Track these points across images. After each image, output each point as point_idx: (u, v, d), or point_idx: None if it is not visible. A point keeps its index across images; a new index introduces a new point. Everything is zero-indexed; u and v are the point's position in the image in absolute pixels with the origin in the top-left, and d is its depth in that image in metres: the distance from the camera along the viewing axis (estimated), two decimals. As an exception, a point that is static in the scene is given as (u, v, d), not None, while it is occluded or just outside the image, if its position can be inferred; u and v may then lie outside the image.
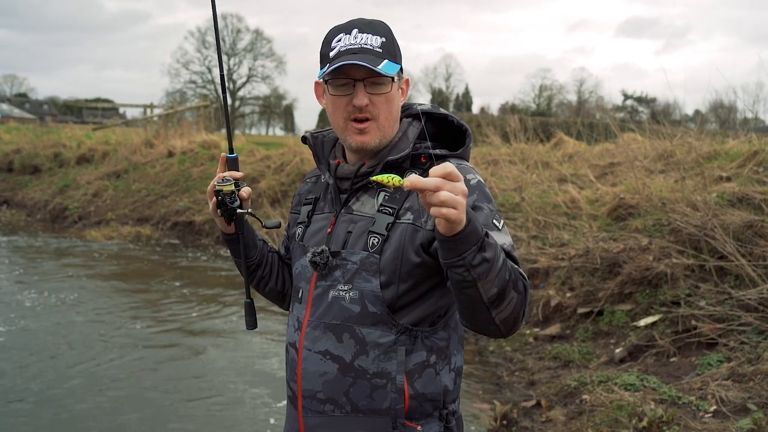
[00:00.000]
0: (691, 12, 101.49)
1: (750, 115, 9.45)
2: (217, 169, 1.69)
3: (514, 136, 11.02)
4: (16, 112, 55.65)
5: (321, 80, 1.55)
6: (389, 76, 1.47)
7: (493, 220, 1.42)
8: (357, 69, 1.46)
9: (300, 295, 1.60)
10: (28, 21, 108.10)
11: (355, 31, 1.50)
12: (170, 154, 14.63)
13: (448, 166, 1.15)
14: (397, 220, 1.48)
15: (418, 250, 1.46)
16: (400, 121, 1.60)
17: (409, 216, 1.48)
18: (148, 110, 20.74)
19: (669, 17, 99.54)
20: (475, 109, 50.27)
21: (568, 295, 5.81)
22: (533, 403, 4.41)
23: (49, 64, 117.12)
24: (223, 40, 49.11)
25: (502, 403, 4.38)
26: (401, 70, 1.55)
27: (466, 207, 1.18)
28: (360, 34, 1.49)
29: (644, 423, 3.57)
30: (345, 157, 1.63)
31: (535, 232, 6.89)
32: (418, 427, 1.50)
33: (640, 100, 46.19)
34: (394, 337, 1.48)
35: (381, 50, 1.48)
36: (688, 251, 5.14)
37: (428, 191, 1.13)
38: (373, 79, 1.48)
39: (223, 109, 1.80)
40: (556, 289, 5.91)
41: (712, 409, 3.65)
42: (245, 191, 1.65)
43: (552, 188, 7.91)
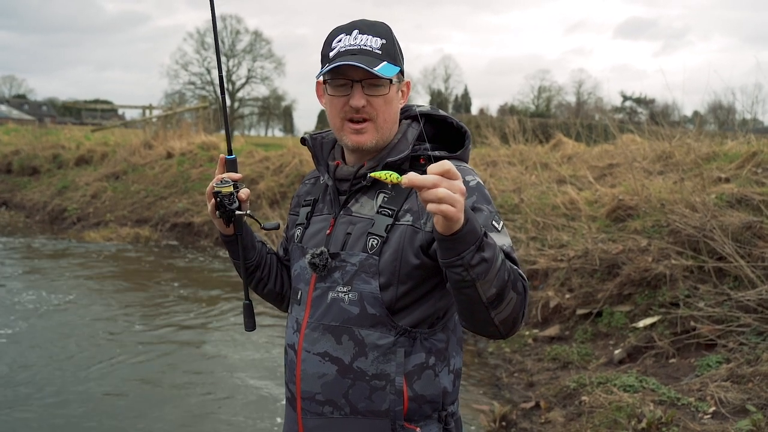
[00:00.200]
0: (689, 13, 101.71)
1: (749, 116, 9.44)
2: (215, 171, 1.69)
3: (513, 138, 11.01)
4: (15, 113, 55.55)
5: (321, 80, 1.56)
6: (387, 78, 1.47)
7: (493, 222, 1.42)
8: (355, 70, 1.46)
9: (299, 297, 1.60)
10: (28, 22, 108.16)
11: (355, 32, 1.50)
12: (169, 156, 14.62)
13: (446, 164, 1.15)
14: (397, 222, 1.48)
15: (417, 251, 1.46)
16: (400, 122, 1.60)
17: (409, 218, 1.48)
18: (147, 111, 20.72)
19: (668, 18, 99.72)
20: (474, 111, 50.38)
21: (567, 296, 5.81)
22: (532, 404, 4.41)
23: (49, 66, 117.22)
24: (222, 42, 49.11)
25: (501, 405, 4.38)
26: (402, 73, 1.55)
27: (465, 207, 1.18)
28: (360, 35, 1.49)
29: (643, 424, 3.57)
30: (344, 158, 1.63)
31: (534, 234, 6.89)
32: (417, 429, 1.50)
33: (639, 102, 46.27)
34: (393, 338, 1.48)
35: (380, 52, 1.48)
36: (687, 252, 5.15)
37: (426, 188, 1.13)
38: (371, 81, 1.48)
39: (222, 111, 1.80)
40: (555, 290, 5.91)
41: (711, 410, 3.66)
42: (244, 192, 1.64)
43: (551, 189, 7.91)
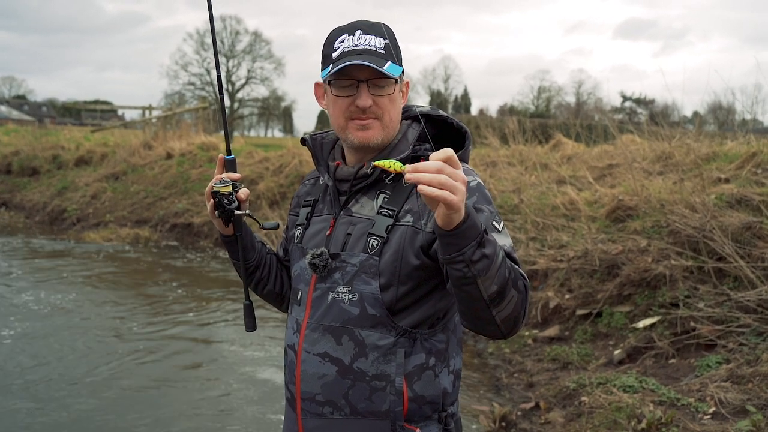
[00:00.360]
0: (689, 13, 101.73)
1: (748, 117, 9.42)
2: (215, 171, 1.69)
3: (513, 138, 11.01)
4: (15, 114, 55.54)
5: (323, 81, 1.55)
6: (393, 78, 1.48)
7: (493, 222, 1.42)
8: (361, 70, 1.46)
9: (299, 297, 1.60)
10: (28, 23, 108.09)
11: (358, 32, 1.50)
12: (169, 156, 14.61)
13: (449, 151, 1.16)
14: (397, 223, 1.48)
15: (417, 252, 1.45)
16: (400, 123, 1.60)
17: (409, 218, 1.48)
18: (147, 112, 20.71)
19: (667, 19, 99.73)
20: (474, 111, 50.43)
21: (567, 296, 5.81)
22: (532, 404, 4.41)
23: (48, 66, 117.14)
24: (222, 42, 49.11)
25: (501, 405, 4.38)
26: (402, 73, 1.55)
27: (466, 204, 1.19)
28: (363, 35, 1.49)
29: (643, 425, 3.57)
30: (344, 158, 1.63)
31: (534, 234, 6.89)
32: (417, 430, 1.50)
33: (639, 102, 46.31)
34: (394, 339, 1.48)
35: (384, 52, 1.48)
36: (687, 253, 5.15)
37: (429, 173, 1.14)
38: (377, 81, 1.48)
39: (221, 111, 1.79)
40: (555, 290, 5.91)
41: (711, 410, 3.65)
42: (243, 192, 1.64)
43: (551, 190, 7.91)
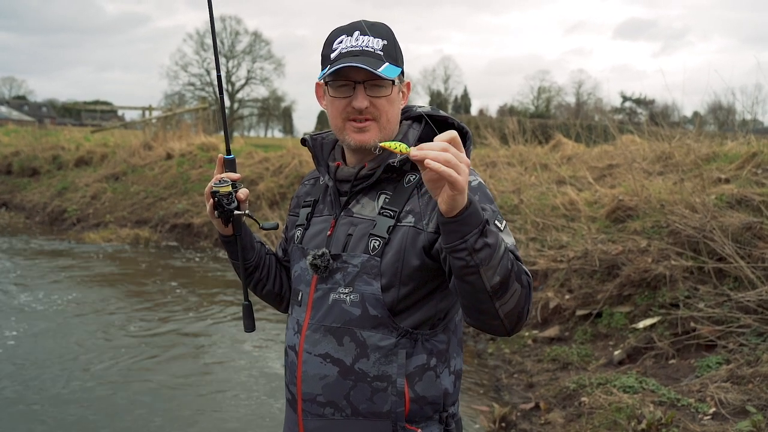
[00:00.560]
0: (689, 13, 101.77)
1: (749, 117, 9.40)
2: (214, 171, 1.69)
3: (513, 138, 11.01)
4: (15, 114, 55.53)
5: (321, 82, 1.55)
6: (389, 79, 1.47)
7: (495, 221, 1.42)
8: (357, 71, 1.46)
9: (299, 298, 1.60)
10: (28, 23, 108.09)
11: (356, 33, 1.50)
12: (169, 157, 14.61)
13: (453, 133, 1.19)
14: (398, 223, 1.48)
15: (419, 252, 1.45)
16: (400, 123, 1.60)
17: (411, 219, 1.47)
18: (147, 112, 20.72)
19: (667, 19, 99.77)
20: (474, 111, 50.43)
21: (567, 297, 5.80)
22: (532, 405, 4.40)
23: (49, 66, 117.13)
24: (222, 43, 49.10)
25: (501, 406, 4.38)
26: (402, 73, 1.55)
27: (469, 195, 1.20)
28: (361, 36, 1.49)
29: (643, 425, 3.57)
30: (344, 159, 1.63)
31: (534, 234, 6.89)
32: (418, 430, 1.50)
33: (639, 102, 46.32)
34: (395, 340, 1.48)
35: (382, 53, 1.48)
36: (687, 253, 5.14)
37: (434, 151, 1.15)
38: (374, 82, 1.47)
39: (221, 111, 1.79)
40: (555, 291, 5.91)
41: (711, 411, 3.65)
42: (242, 192, 1.64)
43: (550, 190, 7.91)
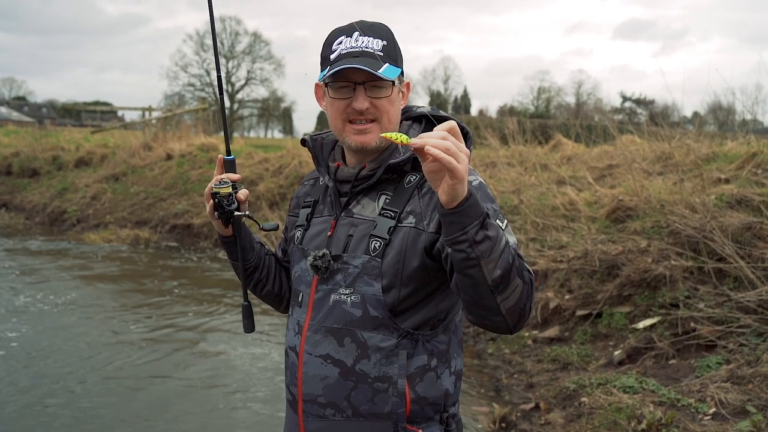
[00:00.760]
0: (688, 14, 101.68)
1: (749, 117, 9.41)
2: (214, 172, 1.69)
3: (513, 139, 11.01)
4: (15, 115, 55.49)
5: (321, 83, 1.54)
6: (390, 80, 1.47)
7: (497, 220, 1.41)
8: (357, 72, 1.46)
9: (300, 299, 1.60)
10: (28, 24, 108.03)
11: (356, 33, 1.49)
12: (168, 157, 14.62)
13: (452, 123, 1.21)
14: (399, 224, 1.48)
15: (420, 253, 1.45)
16: (400, 123, 1.60)
17: (411, 219, 1.47)
18: (147, 113, 20.73)
19: (667, 19, 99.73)
20: (474, 112, 50.42)
21: (567, 297, 5.80)
22: (532, 405, 4.40)
23: (48, 67, 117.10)
24: (222, 43, 49.09)
25: (501, 406, 4.38)
26: (402, 74, 1.55)
27: (469, 187, 1.21)
28: (361, 37, 1.49)
29: (643, 425, 3.57)
30: (344, 159, 1.62)
31: (534, 235, 6.89)
32: (419, 431, 1.50)
33: (639, 102, 46.31)
34: (396, 341, 1.47)
35: (382, 54, 1.48)
36: (687, 253, 5.14)
37: (434, 138, 1.17)
38: (374, 83, 1.47)
39: (221, 112, 1.79)
40: (555, 291, 5.91)
41: (712, 411, 3.65)
42: (242, 193, 1.63)
43: (550, 190, 7.91)
